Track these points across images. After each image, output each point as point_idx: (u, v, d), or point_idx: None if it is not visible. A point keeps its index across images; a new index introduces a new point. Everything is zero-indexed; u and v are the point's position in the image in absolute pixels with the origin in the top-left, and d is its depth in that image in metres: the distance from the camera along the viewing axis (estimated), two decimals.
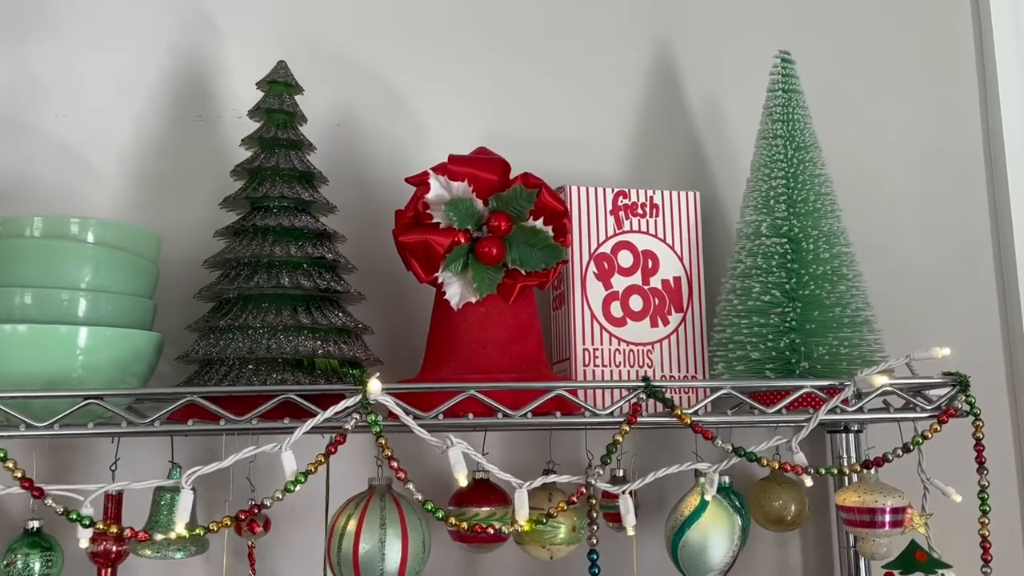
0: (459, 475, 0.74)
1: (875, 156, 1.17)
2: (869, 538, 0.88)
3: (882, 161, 1.17)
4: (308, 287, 0.84)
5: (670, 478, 0.83)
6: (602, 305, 0.97)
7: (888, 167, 1.17)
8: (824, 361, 0.89)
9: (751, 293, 0.93)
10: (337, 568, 0.79)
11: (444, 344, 0.88)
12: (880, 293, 1.10)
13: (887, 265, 1.13)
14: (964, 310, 1.15)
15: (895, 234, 1.15)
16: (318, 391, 0.77)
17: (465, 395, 0.79)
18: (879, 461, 0.84)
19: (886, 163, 1.17)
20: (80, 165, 1.01)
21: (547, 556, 0.85)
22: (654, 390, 0.81)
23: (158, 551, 0.79)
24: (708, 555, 0.83)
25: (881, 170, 1.17)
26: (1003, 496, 1.12)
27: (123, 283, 0.84)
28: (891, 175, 1.17)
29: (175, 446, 0.93)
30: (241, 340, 0.81)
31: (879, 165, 1.17)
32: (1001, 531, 1.10)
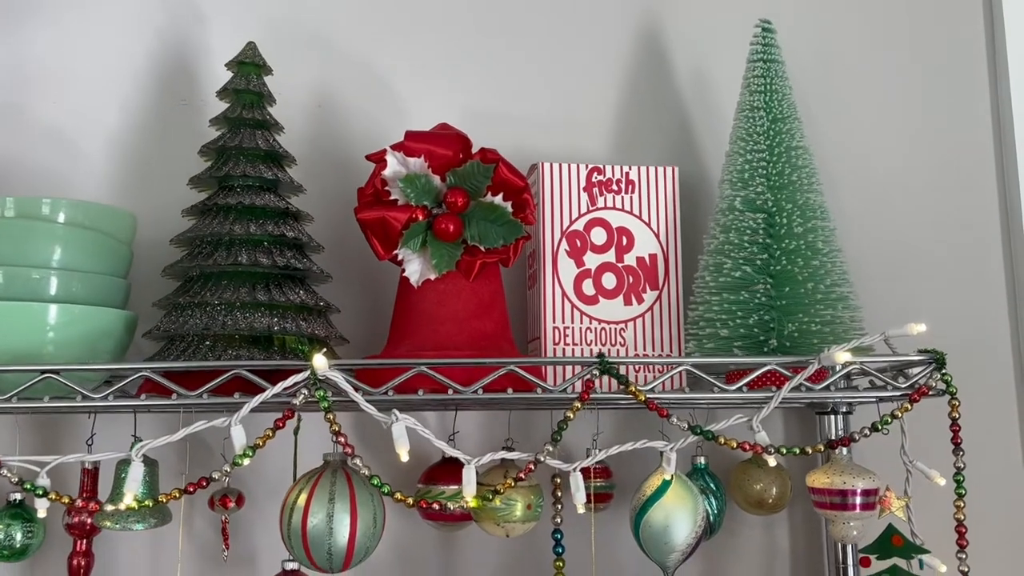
0: (400, 450, 0.74)
1: (870, 127, 1.12)
2: (840, 521, 0.85)
3: (878, 132, 1.12)
4: (266, 264, 0.84)
5: (648, 463, 0.82)
6: (574, 283, 0.95)
7: (886, 138, 1.12)
8: (794, 339, 0.87)
9: (723, 269, 0.91)
10: (288, 542, 0.80)
11: (404, 321, 0.88)
12: (876, 271, 1.07)
13: (885, 242, 1.09)
14: (966, 288, 1.10)
15: (889, 208, 1.10)
16: (269, 367, 0.78)
17: (415, 371, 0.79)
18: (845, 441, 0.81)
19: (883, 134, 1.12)
20: (69, 149, 1.04)
21: (503, 534, 0.84)
22: (608, 367, 0.79)
23: (117, 522, 0.81)
24: (670, 535, 0.81)
25: (878, 141, 1.12)
26: (1007, 477, 1.06)
27: (94, 262, 0.86)
28: (889, 147, 1.12)
29: (153, 424, 0.96)
30: (199, 317, 0.82)
31: (876, 136, 1.12)
32: (1007, 513, 1.06)
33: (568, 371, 0.92)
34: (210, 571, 0.99)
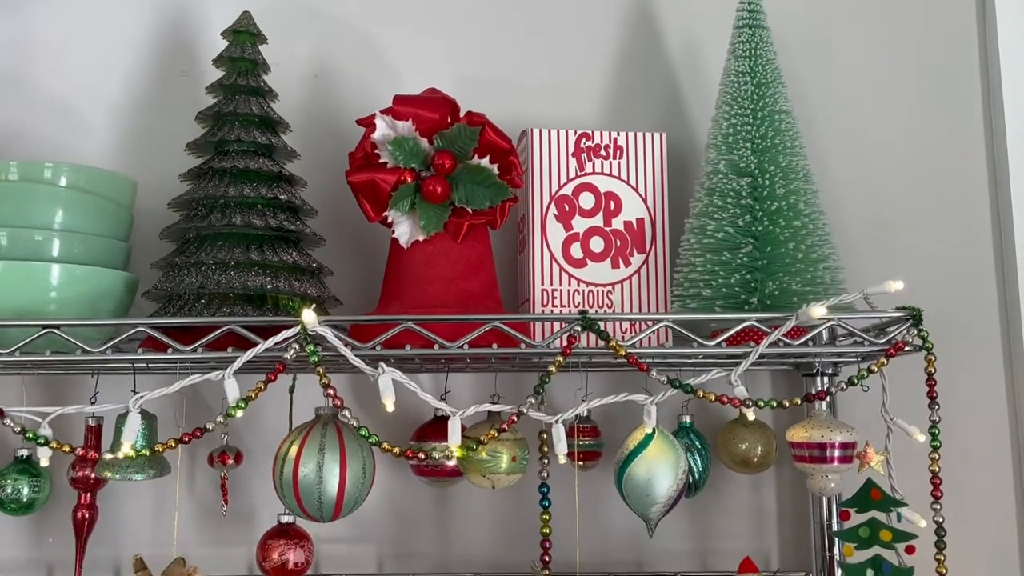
0: (386, 401, 0.77)
1: (857, 93, 1.13)
2: (818, 474, 0.87)
3: (866, 98, 1.13)
4: (260, 226, 0.87)
5: (636, 423, 0.84)
6: (562, 246, 0.97)
7: (874, 104, 1.13)
8: (775, 297, 0.88)
9: (707, 231, 0.92)
10: (280, 492, 0.83)
11: (394, 282, 0.90)
12: (860, 235, 1.08)
13: (870, 207, 1.10)
14: (952, 252, 1.10)
15: (875, 173, 1.11)
16: (261, 323, 0.81)
17: (402, 327, 0.81)
18: (822, 394, 0.83)
19: (871, 99, 1.13)
20: (71, 120, 1.07)
21: (489, 485, 0.87)
22: (590, 322, 0.81)
23: (118, 472, 0.85)
24: (652, 488, 0.84)
25: (865, 107, 1.13)
26: (991, 434, 1.08)
27: (94, 225, 0.89)
28: (876, 113, 1.13)
29: (153, 385, 0.98)
30: (194, 276, 0.85)
31: (863, 102, 1.13)
32: (992, 472, 1.07)
33: (553, 330, 0.93)
34: (210, 526, 1.02)
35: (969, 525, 1.04)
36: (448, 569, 1.03)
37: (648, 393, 0.87)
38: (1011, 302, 1.08)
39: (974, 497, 1.06)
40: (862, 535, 0.87)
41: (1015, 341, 1.07)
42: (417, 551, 1.04)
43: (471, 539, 1.04)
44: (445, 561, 1.04)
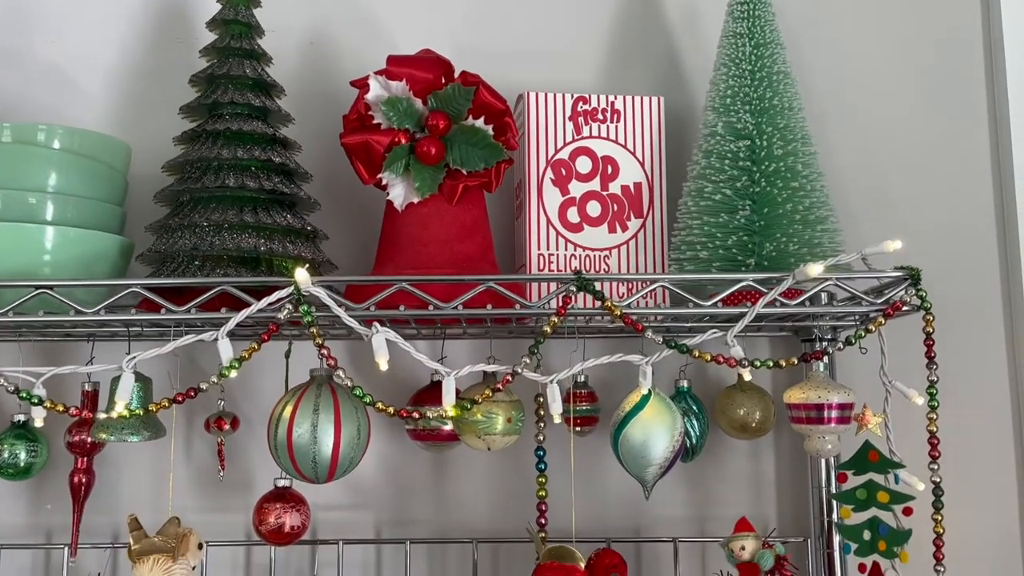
0: (380, 360, 0.76)
1: (857, 56, 1.12)
2: (815, 435, 0.87)
3: (866, 61, 1.12)
4: (253, 188, 0.87)
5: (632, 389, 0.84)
6: (558, 211, 0.97)
7: (874, 68, 1.12)
8: (772, 259, 0.88)
9: (704, 193, 0.92)
10: (275, 453, 0.83)
11: (389, 245, 0.90)
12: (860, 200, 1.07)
13: (870, 171, 1.09)
14: (953, 217, 1.09)
15: (876, 137, 1.10)
16: (254, 283, 0.80)
17: (396, 288, 0.81)
18: (819, 354, 0.83)
19: (871, 63, 1.12)
20: (66, 87, 1.07)
21: (484, 447, 0.87)
22: (585, 282, 0.81)
23: (113, 434, 0.85)
24: (648, 449, 0.83)
25: (865, 71, 1.12)
26: (991, 396, 1.07)
27: (89, 188, 0.89)
28: (876, 77, 1.12)
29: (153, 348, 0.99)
30: (188, 238, 0.85)
31: (863, 65, 1.12)
32: (991, 434, 1.06)
33: (548, 291, 0.93)
34: (208, 492, 1.03)
35: (968, 486, 1.03)
36: (446, 535, 1.03)
37: (642, 353, 0.86)
38: (1012, 264, 1.07)
39: (973, 458, 1.05)
40: (859, 497, 0.86)
41: (1016, 303, 1.06)
42: (415, 518, 1.04)
43: (469, 505, 1.04)
44: (443, 527, 1.04)
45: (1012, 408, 1.07)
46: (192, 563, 0.82)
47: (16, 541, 1.00)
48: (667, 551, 1.02)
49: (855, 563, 0.88)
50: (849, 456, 0.87)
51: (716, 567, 1.01)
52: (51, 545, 1.00)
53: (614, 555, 0.82)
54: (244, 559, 1.03)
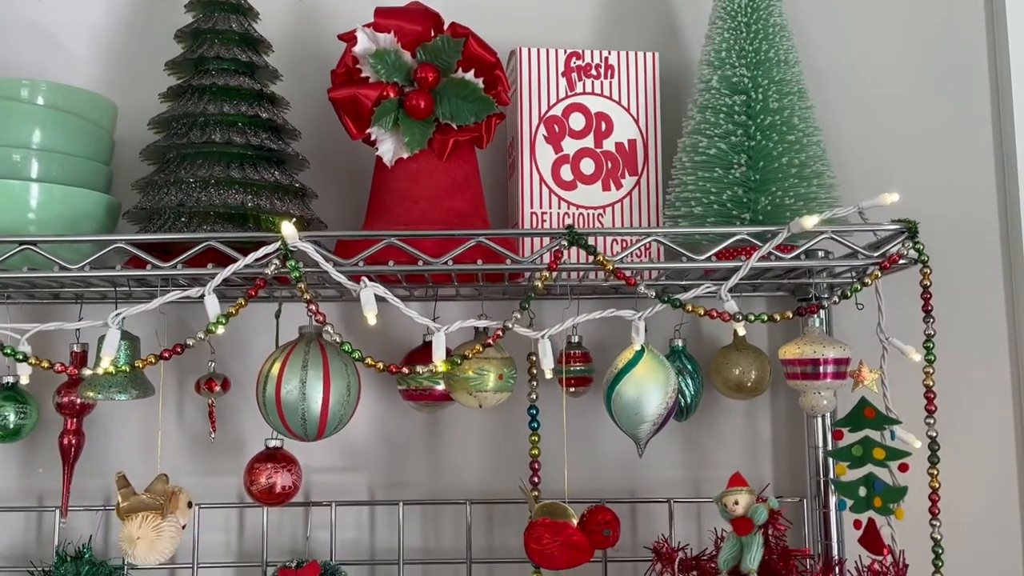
0: (368, 314, 0.75)
1: (856, 9, 1.10)
2: (810, 391, 0.86)
3: (865, 15, 1.10)
4: (240, 144, 0.85)
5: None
6: (551, 169, 0.95)
7: (872, 21, 1.10)
8: (767, 213, 0.86)
9: (698, 148, 0.90)
10: (263, 411, 0.82)
11: (379, 201, 0.89)
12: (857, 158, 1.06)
13: (868, 128, 1.08)
14: (953, 175, 1.07)
15: (874, 94, 1.08)
16: (240, 239, 0.79)
17: (385, 243, 0.80)
18: (814, 308, 0.82)
19: (870, 16, 1.10)
20: (54, 47, 1.05)
21: (476, 404, 0.86)
22: (577, 237, 0.80)
23: (100, 392, 0.84)
24: (641, 406, 0.82)
25: (864, 26, 1.10)
26: (989, 351, 1.06)
27: (74, 146, 0.87)
28: (875, 32, 1.10)
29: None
30: (174, 194, 0.84)
31: (862, 19, 1.10)
32: (989, 390, 1.05)
33: (541, 246, 0.92)
34: (200, 455, 1.02)
35: (964, 441, 1.02)
36: (440, 496, 1.03)
37: (635, 311, 0.85)
38: (1012, 217, 1.05)
39: (970, 413, 1.04)
40: (855, 454, 0.85)
41: (1015, 258, 1.05)
42: (408, 479, 1.04)
43: (462, 467, 1.04)
44: (437, 489, 1.03)
45: (1010, 362, 1.05)
46: (182, 521, 0.82)
47: (7, 504, 1.00)
48: (662, 512, 1.01)
49: (851, 520, 0.87)
50: (845, 413, 0.86)
51: (711, 527, 1.00)
52: (42, 508, 1.00)
53: (607, 511, 0.81)
54: (237, 522, 1.02)
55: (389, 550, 1.01)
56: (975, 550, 1.02)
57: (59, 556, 0.93)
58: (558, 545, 0.79)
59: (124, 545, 0.77)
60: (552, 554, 0.79)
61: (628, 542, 1.02)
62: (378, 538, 1.03)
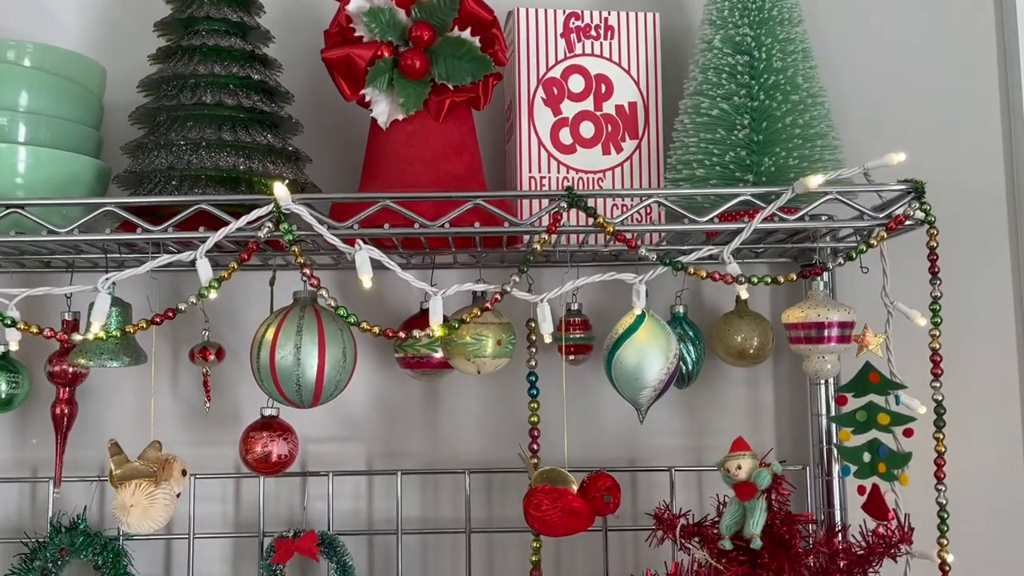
0: (363, 276, 0.74)
1: None
2: (814, 355, 0.84)
3: None
4: (231, 105, 0.83)
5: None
6: (550, 132, 0.93)
7: None
8: (770, 174, 0.85)
9: (700, 109, 0.88)
10: (258, 377, 0.80)
11: (374, 164, 0.87)
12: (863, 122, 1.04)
13: (874, 90, 1.05)
14: (960, 138, 1.05)
15: (879, 55, 1.06)
16: (232, 201, 0.78)
17: (380, 205, 0.78)
18: (818, 270, 0.80)
19: None
20: (43, 10, 1.03)
21: (474, 370, 0.84)
22: (576, 199, 0.78)
23: (91, 359, 0.82)
24: (641, 371, 0.81)
25: None
26: (995, 314, 1.04)
27: (61, 108, 0.85)
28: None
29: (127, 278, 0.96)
30: (164, 157, 0.82)
31: None
32: (995, 353, 1.03)
33: (538, 209, 0.90)
34: (196, 426, 1.01)
35: (970, 405, 1.01)
36: (438, 466, 1.02)
37: (635, 274, 0.83)
38: (1019, 184, 1.03)
39: (975, 377, 1.02)
40: (859, 419, 0.84)
41: (1022, 220, 1.03)
42: (407, 449, 1.02)
43: (461, 436, 1.03)
44: (435, 459, 1.02)
45: (1016, 325, 1.04)
46: (176, 489, 0.80)
47: (0, 475, 0.98)
48: (663, 480, 1.00)
49: (854, 488, 0.86)
50: (849, 378, 0.85)
51: (713, 495, 0.99)
52: (36, 479, 0.99)
53: (607, 478, 0.80)
54: (234, 492, 1.01)
55: (387, 520, 1.01)
56: (981, 515, 1.01)
57: (53, 527, 0.93)
58: (558, 512, 0.78)
59: (117, 512, 0.76)
60: (552, 521, 0.78)
61: (629, 511, 1.01)
62: (376, 508, 1.02)
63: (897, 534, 0.78)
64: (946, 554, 0.79)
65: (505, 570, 1.01)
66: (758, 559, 0.78)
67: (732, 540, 0.78)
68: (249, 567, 1.00)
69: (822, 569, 0.79)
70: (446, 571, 1.01)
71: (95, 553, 0.92)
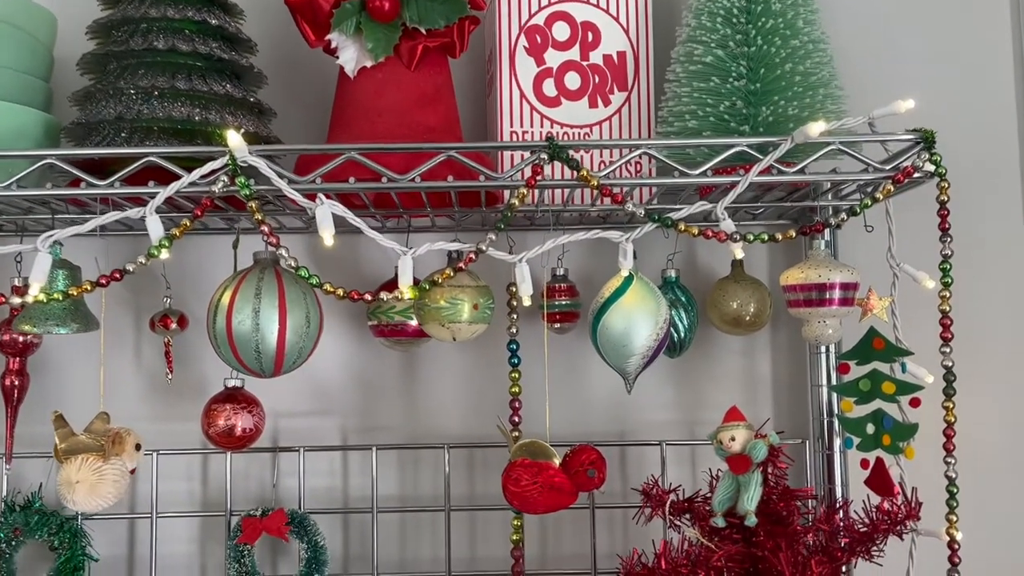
0: (324, 233, 0.68)
1: None
2: (814, 319, 0.79)
3: None
4: (186, 51, 0.77)
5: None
6: (533, 83, 0.87)
7: None
8: (768, 124, 0.79)
9: (693, 57, 0.82)
10: (215, 344, 0.75)
11: (341, 115, 0.81)
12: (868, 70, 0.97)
13: (879, 37, 0.99)
14: (970, 87, 0.99)
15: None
16: (183, 154, 0.72)
17: (345, 157, 0.72)
18: (819, 227, 0.74)
19: None
20: None
21: (449, 337, 0.78)
22: (558, 150, 0.72)
23: (37, 325, 0.76)
24: (629, 338, 0.75)
25: None
26: (1008, 272, 0.98)
27: (7, 57, 0.79)
28: None
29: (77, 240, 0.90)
30: (113, 106, 0.76)
31: None
32: (1008, 317, 0.98)
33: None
34: (159, 400, 0.96)
35: (981, 372, 0.95)
36: (417, 441, 0.96)
37: (622, 235, 0.77)
38: None
39: (988, 343, 0.97)
40: (863, 388, 0.79)
41: None
42: (383, 423, 0.97)
43: (441, 409, 0.97)
44: (414, 433, 0.97)
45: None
46: (130, 465, 0.75)
47: None
48: (654, 455, 0.95)
49: (856, 461, 0.80)
50: (852, 345, 0.79)
51: (706, 469, 0.94)
52: None
53: (592, 451, 0.74)
54: (200, 469, 0.96)
55: (363, 498, 0.95)
56: (993, 490, 0.95)
57: (7, 505, 0.88)
58: (538, 487, 0.73)
59: (62, 489, 0.70)
60: (531, 497, 0.73)
61: (618, 488, 0.96)
62: (351, 485, 0.96)
63: (903, 510, 0.73)
64: (955, 531, 0.74)
65: (487, 550, 0.96)
66: (753, 537, 0.73)
67: (725, 517, 0.73)
68: (217, 547, 0.95)
69: (822, 548, 0.73)
70: (425, 551, 0.96)
71: (51, 533, 0.87)
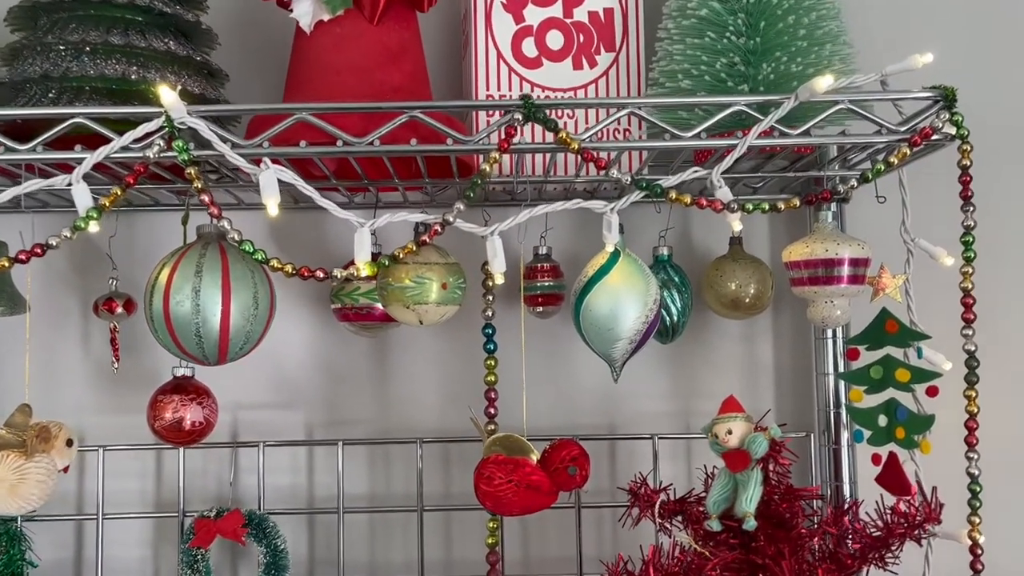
0: (268, 201, 0.61)
1: None
2: (821, 298, 0.71)
3: None
4: (122, 3, 0.70)
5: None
6: (511, 43, 0.80)
7: None
8: (769, 83, 0.71)
9: (686, 10, 0.75)
10: (152, 327, 0.67)
11: (297, 74, 0.74)
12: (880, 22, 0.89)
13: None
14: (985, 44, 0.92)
15: None
16: (113, 115, 0.64)
17: (296, 118, 0.65)
18: (826, 195, 0.66)
19: None
20: None
21: (415, 320, 0.71)
22: (534, 110, 0.64)
23: None
24: (616, 320, 0.67)
25: None
26: None
27: None
28: None
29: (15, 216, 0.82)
30: (39, 63, 0.69)
31: None
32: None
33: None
34: (106, 390, 0.89)
35: (1007, 358, 0.88)
36: (388, 435, 0.89)
37: (609, 208, 0.69)
38: None
39: (1014, 325, 0.89)
40: (874, 376, 0.71)
41: None
42: (351, 416, 0.90)
43: (413, 401, 0.90)
44: (384, 427, 0.90)
45: None
46: (60, 463, 0.68)
47: None
48: (646, 449, 0.88)
49: (866, 456, 0.73)
50: (862, 328, 0.72)
51: (702, 465, 0.86)
52: None
53: (573, 446, 0.67)
54: (154, 466, 0.89)
55: (329, 497, 0.88)
56: (1019, 488, 0.88)
57: None
58: (512, 486, 0.65)
59: None
60: (505, 497, 0.65)
61: (606, 485, 0.89)
62: (317, 483, 0.90)
63: (922, 512, 0.65)
64: (978, 535, 0.67)
65: (463, 552, 0.89)
66: (752, 542, 0.65)
67: (721, 520, 0.65)
68: (172, 550, 0.88)
69: (829, 554, 0.66)
70: (396, 554, 0.89)
71: None
